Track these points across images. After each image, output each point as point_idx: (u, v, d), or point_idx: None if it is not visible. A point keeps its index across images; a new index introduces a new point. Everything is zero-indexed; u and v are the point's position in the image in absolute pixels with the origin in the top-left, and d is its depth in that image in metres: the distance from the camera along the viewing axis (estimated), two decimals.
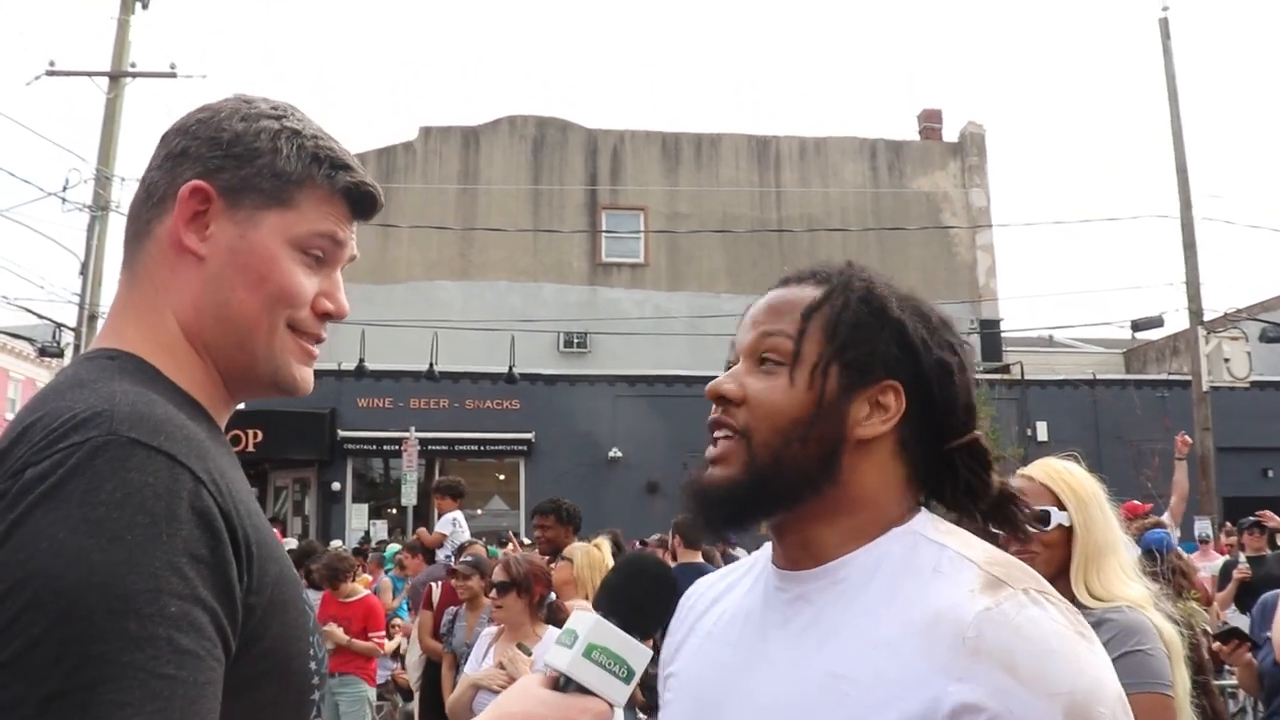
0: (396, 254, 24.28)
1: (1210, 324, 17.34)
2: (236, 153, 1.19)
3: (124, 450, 0.96)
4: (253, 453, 20.10)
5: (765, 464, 1.22)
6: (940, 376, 1.25)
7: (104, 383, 1.06)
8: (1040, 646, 1.06)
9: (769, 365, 1.26)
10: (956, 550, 1.18)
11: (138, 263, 1.21)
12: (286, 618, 1.09)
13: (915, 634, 1.11)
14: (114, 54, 16.20)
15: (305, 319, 1.23)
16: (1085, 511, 2.56)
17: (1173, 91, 17.74)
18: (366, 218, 1.30)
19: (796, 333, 1.25)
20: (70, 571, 0.90)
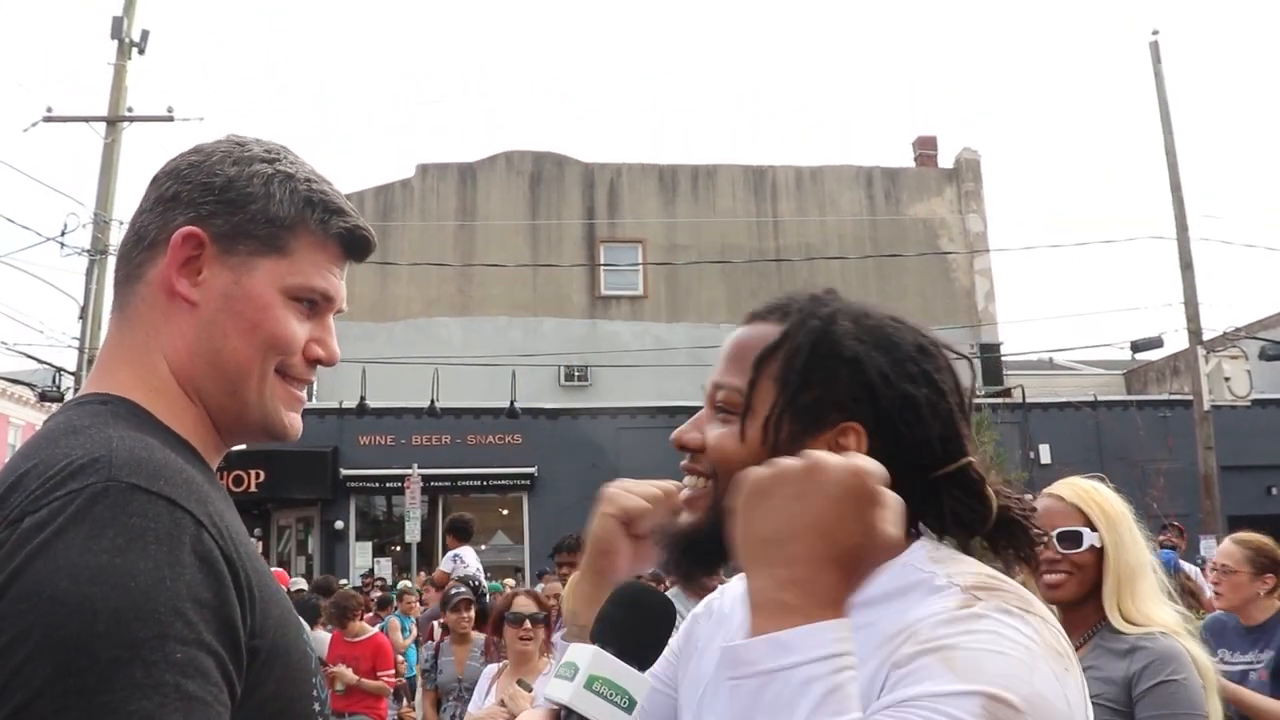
0: (396, 291, 24.31)
1: (1210, 343, 17.33)
2: (229, 198, 1.18)
3: (124, 496, 0.95)
4: (255, 492, 20.06)
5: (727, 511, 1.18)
6: (904, 413, 1.20)
7: (99, 428, 1.04)
8: (990, 647, 1.02)
9: (724, 414, 1.26)
10: (946, 577, 1.14)
11: (129, 306, 1.20)
12: (289, 660, 1.08)
13: (878, 647, 1.08)
14: (111, 99, 16.27)
15: (296, 364, 1.22)
16: (1115, 532, 2.50)
17: (1165, 114, 17.83)
18: (359, 260, 1.29)
19: (747, 384, 1.23)
20: (73, 620, 0.88)
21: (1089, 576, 2.48)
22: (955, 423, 1.24)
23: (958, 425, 1.24)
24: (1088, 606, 2.49)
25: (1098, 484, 2.60)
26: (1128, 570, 2.47)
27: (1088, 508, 2.52)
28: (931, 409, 1.22)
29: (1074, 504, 2.54)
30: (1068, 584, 2.49)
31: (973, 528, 1.24)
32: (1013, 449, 19.94)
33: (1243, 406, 17.43)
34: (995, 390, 23.67)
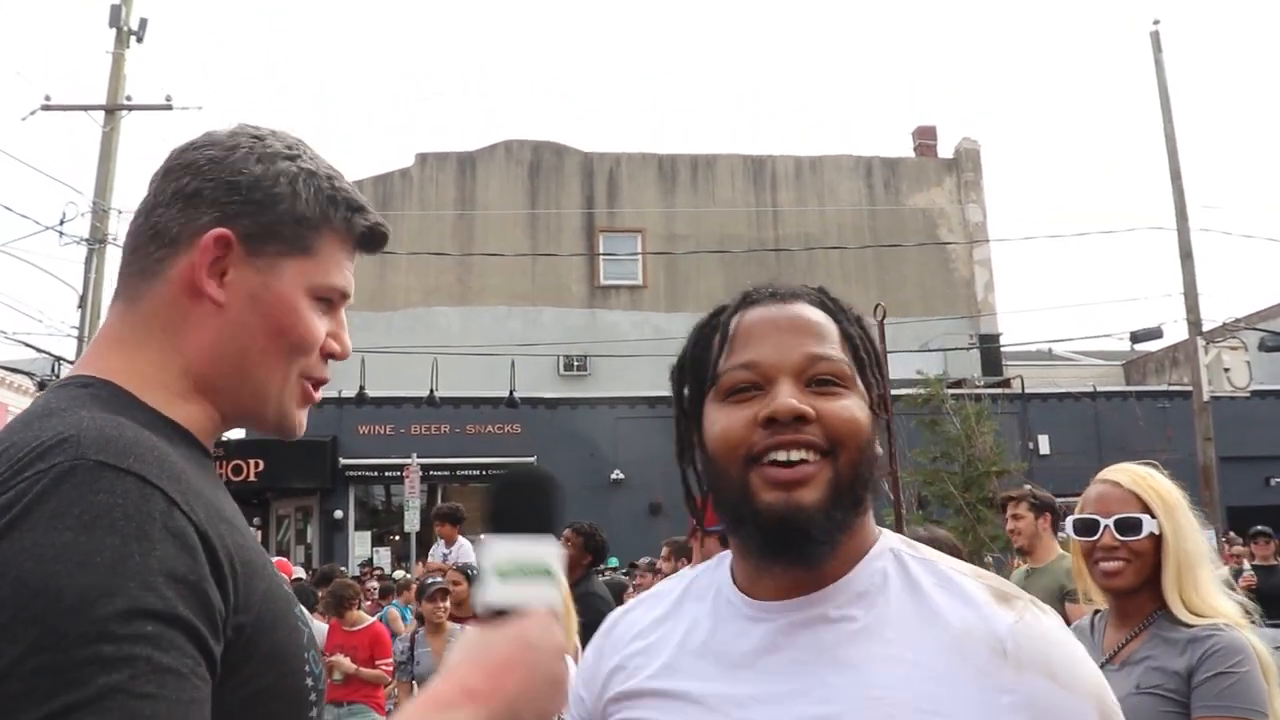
0: (395, 281, 24.31)
1: (1209, 334, 17.34)
2: (257, 199, 1.16)
3: (91, 473, 0.94)
4: (254, 482, 20.08)
5: (850, 484, 1.18)
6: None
7: (72, 410, 1.03)
8: (1065, 652, 1.15)
9: (831, 387, 1.21)
10: (947, 566, 1.22)
11: (142, 299, 1.17)
12: (277, 635, 1.06)
13: (946, 651, 1.13)
14: (109, 88, 16.24)
15: (314, 365, 1.23)
16: (1174, 519, 2.42)
17: (1166, 104, 17.80)
18: (372, 253, 1.30)
19: (847, 356, 1.25)
20: (38, 600, 0.88)
21: (1146, 565, 2.41)
22: None
23: None
24: (1142, 595, 2.44)
25: (1153, 470, 2.53)
26: (1187, 558, 2.39)
27: (1145, 494, 2.45)
28: None
29: (1131, 490, 2.46)
30: (1125, 572, 2.42)
31: None
32: (1012, 439, 19.93)
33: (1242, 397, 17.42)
34: (994, 380, 23.69)
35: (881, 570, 1.20)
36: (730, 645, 1.24)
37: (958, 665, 1.12)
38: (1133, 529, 2.41)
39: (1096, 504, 2.49)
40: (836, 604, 1.19)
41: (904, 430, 14.87)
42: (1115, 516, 2.44)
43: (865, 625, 1.17)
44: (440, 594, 6.95)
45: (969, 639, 1.13)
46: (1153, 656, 2.34)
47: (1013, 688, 1.11)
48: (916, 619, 1.16)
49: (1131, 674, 2.36)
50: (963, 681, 1.11)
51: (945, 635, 1.14)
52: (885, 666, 1.13)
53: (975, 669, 1.11)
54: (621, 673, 1.33)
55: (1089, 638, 2.57)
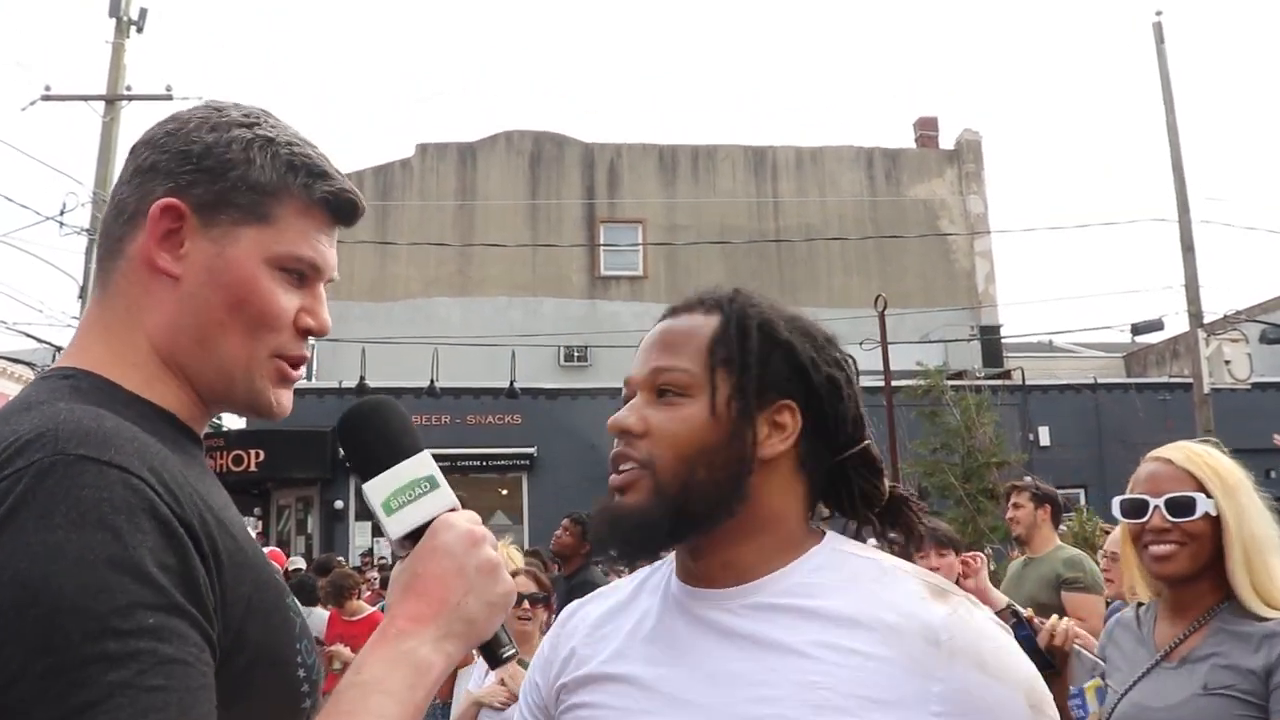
0: (395, 271, 24.28)
1: (1210, 326, 17.32)
2: (208, 166, 1.13)
3: (73, 468, 0.92)
4: (255, 472, 20.08)
5: (674, 492, 1.25)
6: (829, 393, 1.31)
7: (51, 403, 1.02)
8: (996, 644, 1.20)
9: (669, 397, 1.29)
10: (890, 563, 1.28)
11: (110, 282, 1.16)
12: (268, 625, 1.06)
13: (881, 641, 1.18)
14: (109, 78, 16.22)
15: (287, 342, 1.18)
16: (1234, 500, 2.20)
17: (1168, 95, 17.77)
18: (348, 225, 1.24)
19: (695, 364, 1.29)
20: (38, 602, 0.87)
21: (1203, 549, 2.19)
22: (860, 406, 1.36)
23: (862, 408, 1.36)
24: (1202, 584, 2.23)
25: (1211, 448, 2.32)
26: (1255, 543, 2.17)
27: (1200, 472, 2.23)
28: (848, 389, 1.34)
29: (1184, 468, 2.24)
30: (1178, 556, 2.20)
31: (872, 506, 1.37)
32: (1012, 431, 19.93)
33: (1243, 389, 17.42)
34: (995, 372, 23.67)
35: (821, 563, 1.27)
36: (676, 632, 1.30)
37: (893, 654, 1.17)
38: (1185, 509, 2.20)
39: (1146, 483, 2.29)
40: (772, 593, 1.25)
41: (904, 421, 14.90)
42: (1166, 496, 2.23)
43: (805, 613, 1.22)
44: None
45: (904, 629, 1.18)
46: (1221, 654, 2.13)
47: (943, 676, 1.16)
48: (855, 609, 1.21)
49: (1195, 673, 2.15)
50: (898, 669, 1.16)
51: (881, 625, 1.19)
52: (824, 653, 1.18)
53: (909, 658, 1.16)
54: (574, 660, 1.39)
55: (1136, 631, 2.40)
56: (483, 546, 1.13)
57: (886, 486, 1.37)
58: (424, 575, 1.10)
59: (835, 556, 1.28)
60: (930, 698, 1.15)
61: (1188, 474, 2.24)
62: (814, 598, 1.23)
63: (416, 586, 1.09)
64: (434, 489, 1.15)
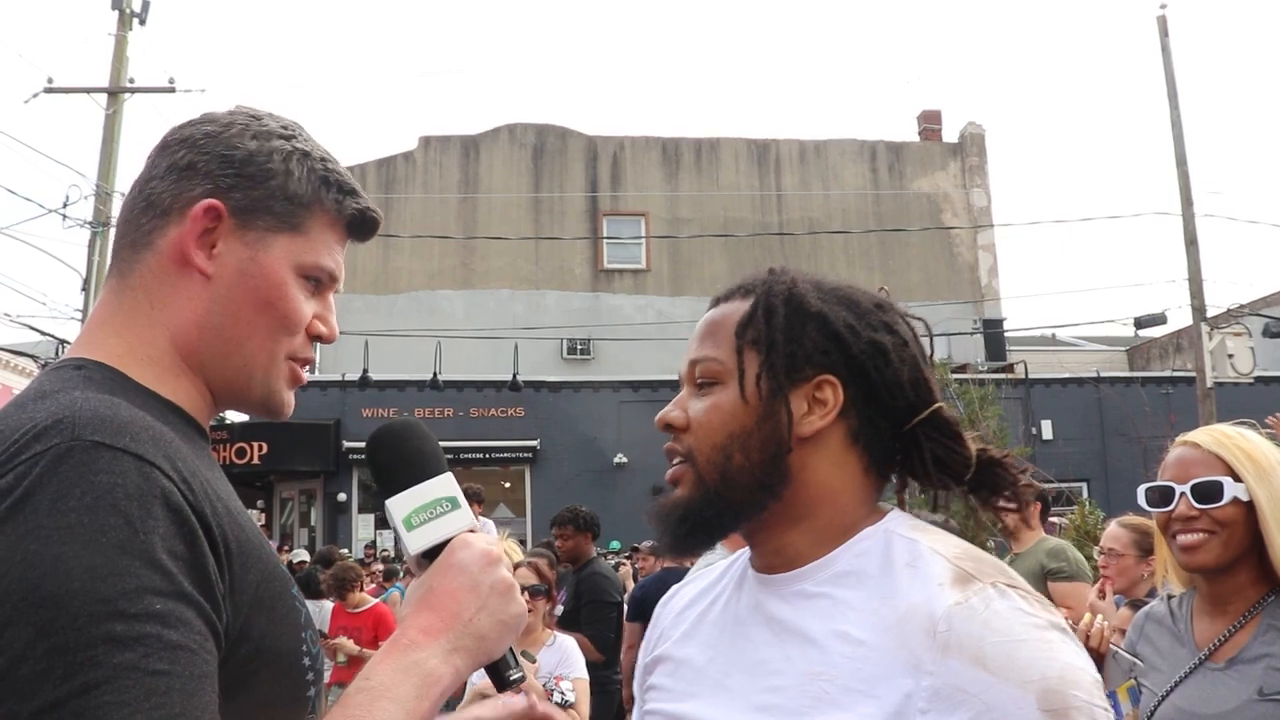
0: (398, 264, 24.29)
1: (1213, 320, 17.30)
2: (250, 173, 1.17)
3: (89, 454, 0.94)
4: (258, 465, 20.12)
5: (715, 481, 1.25)
6: (874, 358, 1.25)
7: (65, 392, 1.04)
8: (1009, 637, 1.08)
9: (705, 388, 1.30)
10: (928, 545, 1.19)
11: (132, 272, 1.18)
12: (274, 614, 1.07)
13: (886, 630, 1.13)
14: (112, 70, 16.21)
15: (300, 345, 1.23)
16: (1269, 483, 2.04)
17: (1172, 89, 17.73)
18: (363, 240, 1.30)
19: (725, 351, 1.29)
20: (47, 582, 0.88)
21: (1236, 538, 2.04)
22: (921, 367, 1.29)
23: (924, 371, 1.29)
24: (1241, 576, 2.08)
25: (1244, 430, 2.16)
26: None
27: (1230, 455, 2.08)
28: (899, 354, 1.27)
29: (1212, 451, 2.10)
30: (1209, 545, 2.06)
31: (955, 472, 1.28)
32: (1015, 424, 19.95)
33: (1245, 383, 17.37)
34: (998, 366, 23.67)
35: (867, 547, 1.22)
36: (738, 616, 1.31)
37: (895, 644, 1.11)
38: (1213, 495, 2.06)
39: (1174, 469, 2.15)
40: (816, 580, 1.23)
41: None
42: (1193, 481, 2.09)
43: (834, 602, 1.19)
44: None
45: (910, 619, 1.12)
46: (1275, 654, 1.98)
47: (934, 670, 1.08)
48: (878, 598, 1.16)
49: (1248, 676, 2.00)
50: (895, 661, 1.11)
51: (892, 614, 1.13)
52: (835, 643, 1.16)
53: (908, 650, 1.10)
54: (660, 639, 1.42)
55: (1172, 627, 2.23)
56: (498, 566, 1.17)
57: (971, 449, 1.28)
58: (438, 590, 1.13)
59: (882, 539, 1.22)
60: (919, 691, 1.08)
61: (1216, 458, 2.10)
62: (847, 585, 1.19)
63: (430, 600, 1.12)
64: (454, 509, 1.18)
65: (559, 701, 4.12)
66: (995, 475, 1.29)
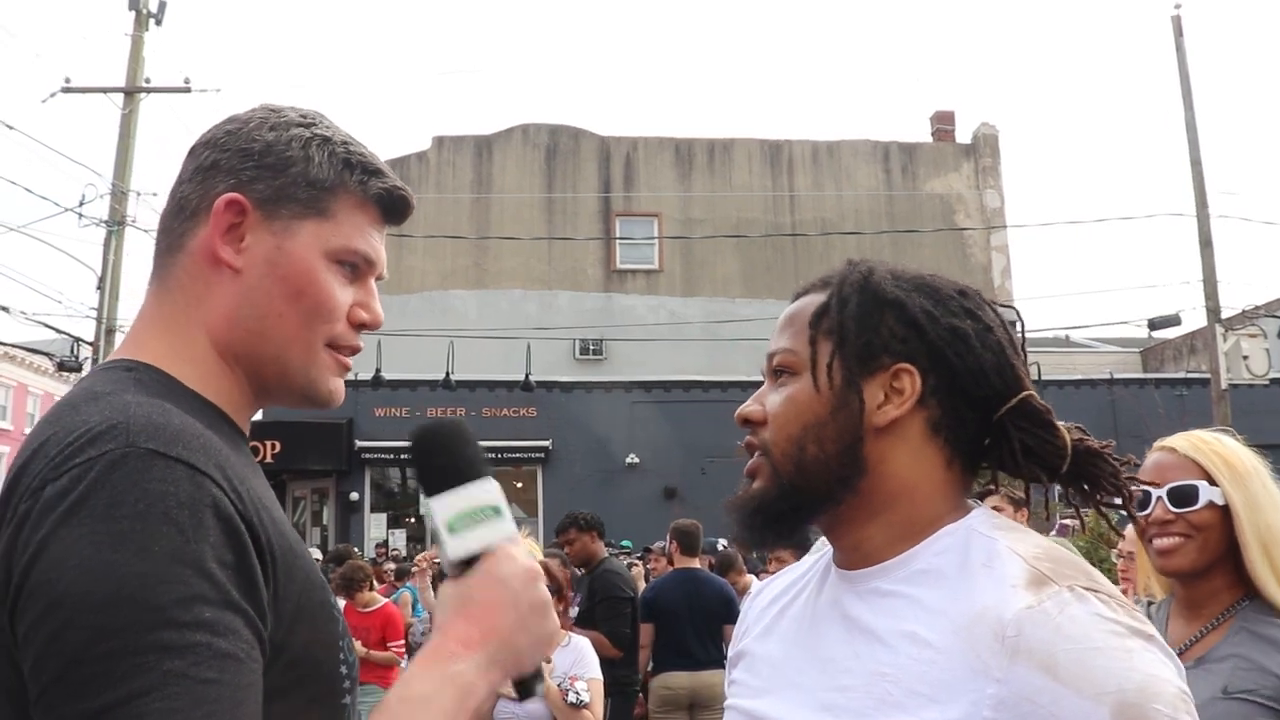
0: (411, 264, 24.33)
1: (1228, 321, 17.22)
2: (269, 163, 1.18)
3: (143, 462, 0.95)
4: (271, 464, 20.16)
5: (789, 473, 1.23)
6: (954, 344, 1.22)
7: (118, 394, 1.05)
8: (1083, 645, 1.02)
9: (783, 379, 1.28)
10: (1006, 545, 1.15)
11: (169, 276, 1.20)
12: (315, 623, 1.08)
13: (955, 633, 1.09)
14: (128, 70, 16.28)
15: (342, 332, 1.22)
16: (1245, 488, 2.06)
17: (1186, 89, 17.65)
18: (398, 222, 1.29)
19: (800, 342, 1.27)
20: (101, 587, 0.89)
21: (1211, 542, 2.06)
22: (1007, 354, 1.25)
23: (1010, 357, 1.25)
24: (1216, 580, 2.09)
25: (1221, 435, 2.20)
26: (1271, 533, 2.03)
27: (1206, 460, 2.10)
28: (981, 340, 1.23)
29: (1189, 456, 2.12)
30: (1184, 549, 2.07)
31: (1049, 463, 1.24)
32: None
33: (1260, 385, 17.29)
34: None
35: (947, 545, 1.18)
36: (817, 612, 1.29)
37: (964, 649, 1.07)
38: (1189, 499, 2.07)
39: (1151, 473, 2.16)
40: (892, 579, 1.20)
41: None
42: (1169, 485, 2.10)
43: (907, 601, 1.16)
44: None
45: (980, 622, 1.07)
46: (1243, 655, 1.99)
47: (1001, 677, 1.04)
48: (950, 598, 1.12)
49: (1215, 675, 2.00)
50: (963, 665, 1.06)
51: (963, 617, 1.09)
52: (904, 644, 1.12)
53: (975, 654, 1.06)
54: (746, 634, 1.41)
55: None
56: (539, 583, 1.16)
57: (1066, 439, 1.23)
58: (480, 602, 1.11)
59: (962, 537, 1.18)
60: (984, 700, 1.04)
61: (1193, 462, 2.11)
62: (925, 585, 1.15)
63: (471, 612, 1.11)
64: (498, 517, 1.16)
65: (573, 702, 4.12)
66: (1094, 467, 1.25)
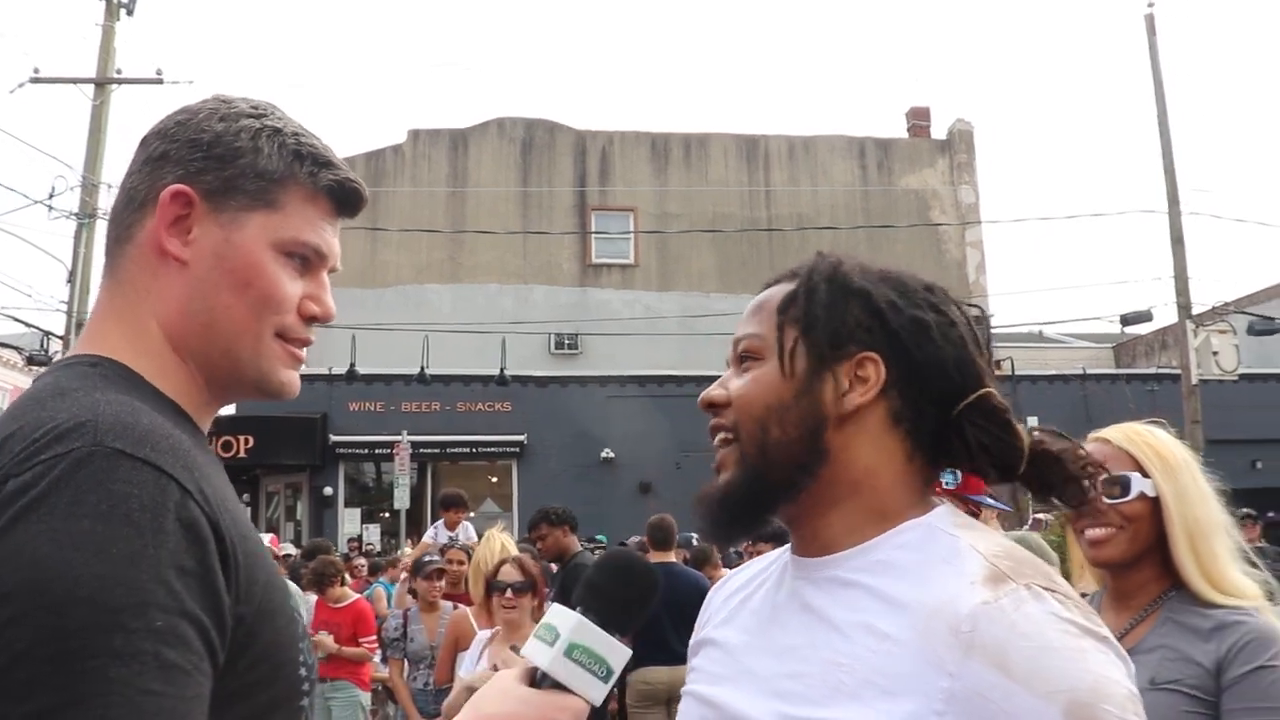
0: (386, 257, 24.23)
1: (1198, 318, 17.38)
2: (218, 154, 1.17)
3: (109, 462, 0.94)
4: (244, 458, 20.06)
5: (754, 457, 1.23)
6: (915, 334, 1.23)
7: (86, 391, 1.04)
8: (1037, 643, 1.03)
9: (747, 364, 1.28)
10: (968, 542, 1.15)
11: (119, 268, 1.19)
12: (276, 625, 1.07)
13: (911, 626, 1.09)
14: (99, 61, 16.14)
15: (292, 324, 1.21)
16: (1175, 480, 2.09)
17: (1159, 87, 17.78)
18: (351, 215, 1.27)
19: (767, 328, 1.27)
20: (55, 586, 0.88)
21: (1142, 532, 2.08)
22: (969, 349, 1.27)
23: (971, 353, 1.27)
24: (1145, 572, 2.11)
25: (1154, 428, 2.21)
26: (1198, 526, 2.05)
27: (1139, 451, 2.13)
28: (942, 333, 1.25)
29: (1122, 447, 2.14)
30: (1115, 540, 2.09)
31: (1005, 462, 1.24)
32: None
33: (1230, 381, 17.48)
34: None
35: (909, 540, 1.19)
36: (775, 601, 1.30)
37: (920, 642, 1.08)
38: (1121, 490, 2.09)
39: None
40: (849, 568, 1.20)
41: None
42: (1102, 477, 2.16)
43: (865, 592, 1.16)
44: (437, 573, 7.02)
45: (937, 616, 1.08)
46: (1169, 646, 2.01)
47: (955, 672, 1.04)
48: (909, 591, 1.12)
49: (1142, 666, 1.98)
50: (917, 658, 1.07)
51: (921, 610, 1.09)
52: (862, 635, 1.13)
53: (931, 648, 1.06)
54: (708, 623, 1.42)
55: None
56: None
57: (1024, 439, 1.24)
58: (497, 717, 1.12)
59: (924, 532, 1.18)
60: (936, 693, 1.04)
61: (1126, 454, 2.14)
62: (884, 576, 1.16)
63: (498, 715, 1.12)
64: (603, 684, 1.14)
65: None
66: (1051, 470, 1.26)
